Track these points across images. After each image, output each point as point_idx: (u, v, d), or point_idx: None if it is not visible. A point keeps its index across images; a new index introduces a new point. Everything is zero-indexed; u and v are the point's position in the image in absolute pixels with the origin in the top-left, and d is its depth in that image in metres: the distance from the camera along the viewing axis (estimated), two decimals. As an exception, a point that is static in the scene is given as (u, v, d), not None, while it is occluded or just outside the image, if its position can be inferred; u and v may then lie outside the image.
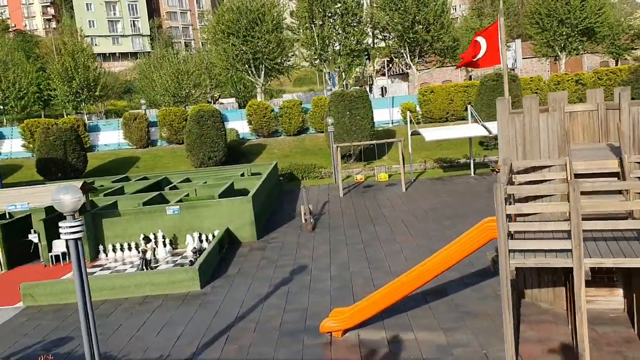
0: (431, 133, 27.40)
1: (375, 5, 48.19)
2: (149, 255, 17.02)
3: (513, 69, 53.93)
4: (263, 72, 48.50)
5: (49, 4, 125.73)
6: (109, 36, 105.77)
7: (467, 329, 10.93)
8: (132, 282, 14.96)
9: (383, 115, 44.55)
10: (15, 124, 46.17)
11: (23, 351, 11.91)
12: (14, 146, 43.18)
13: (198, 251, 16.90)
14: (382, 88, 60.17)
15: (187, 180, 27.32)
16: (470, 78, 65.14)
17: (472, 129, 27.30)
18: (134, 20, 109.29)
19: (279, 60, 49.65)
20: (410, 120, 30.92)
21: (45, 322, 13.56)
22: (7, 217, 20.23)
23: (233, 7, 46.33)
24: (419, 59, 49.66)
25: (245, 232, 19.72)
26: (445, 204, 22.82)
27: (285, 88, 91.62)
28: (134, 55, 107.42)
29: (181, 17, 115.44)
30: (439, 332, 10.95)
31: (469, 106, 29.87)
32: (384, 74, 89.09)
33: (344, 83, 51.78)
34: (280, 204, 26.27)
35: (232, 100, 69.08)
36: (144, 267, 16.75)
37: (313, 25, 46.64)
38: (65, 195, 8.14)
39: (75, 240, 8.33)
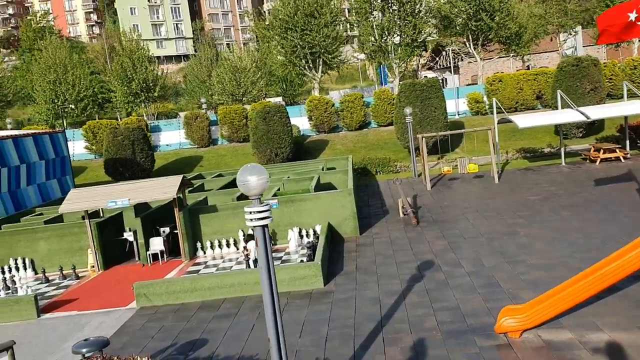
0: (524, 120, 25.81)
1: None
2: (253, 255, 16.02)
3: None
4: (320, 66, 47.48)
5: (92, 10, 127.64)
6: (152, 40, 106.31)
7: (665, 328, 9.56)
8: (251, 279, 13.96)
9: (448, 107, 42.95)
10: (72, 128, 46.35)
11: (158, 355, 10.98)
12: (77, 148, 43.09)
13: (310, 247, 15.81)
14: (442, 80, 58.44)
15: (267, 176, 26.35)
16: (528, 68, 62.90)
17: (567, 115, 25.59)
18: (177, 23, 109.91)
19: (336, 54, 48.62)
20: (498, 108, 29.27)
21: (168, 324, 12.65)
22: (101, 215, 19.57)
23: (289, 1, 45.42)
24: (481, 48, 47.91)
25: (347, 227, 18.60)
26: (554, 194, 21.28)
27: (328, 86, 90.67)
28: (178, 58, 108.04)
29: (223, 19, 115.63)
30: (636, 331, 9.58)
31: (559, 92, 28.12)
32: (429, 68, 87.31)
33: (399, 76, 50.25)
34: (362, 199, 25.09)
35: (279, 99, 68.44)
36: (249, 266, 15.78)
37: (372, 16, 45.41)
38: (252, 176, 7.09)
39: (263, 227, 7.29)
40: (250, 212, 7.23)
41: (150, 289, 14.08)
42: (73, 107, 45.27)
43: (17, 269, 18.66)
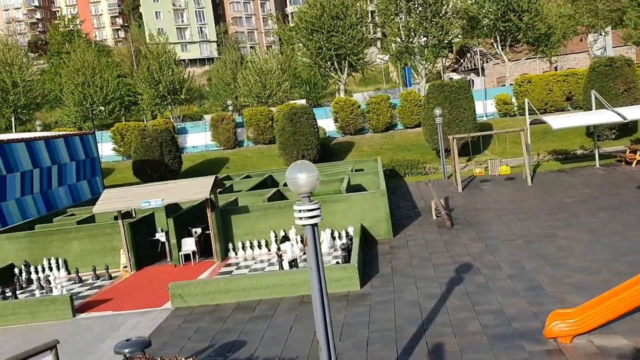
0: (558, 121, 25.27)
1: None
2: (290, 255, 15.86)
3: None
4: (346, 68, 47.31)
5: (117, 14, 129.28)
6: (177, 43, 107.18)
7: None
8: (286, 281, 13.79)
9: (476, 109, 42.46)
10: (100, 130, 46.82)
11: (197, 356, 10.85)
12: (105, 150, 43.46)
13: (345, 248, 15.60)
14: (469, 81, 57.75)
15: (295, 177, 26.26)
16: (555, 69, 61.92)
17: (602, 116, 25.01)
18: (201, 27, 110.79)
19: (362, 56, 48.43)
20: (530, 109, 28.74)
21: (204, 325, 12.53)
22: (133, 215, 19.60)
23: (316, 3, 45.35)
24: (509, 49, 47.28)
25: (380, 229, 18.35)
26: (590, 196, 20.77)
27: (351, 88, 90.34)
28: (202, 61, 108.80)
29: (246, 22, 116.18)
30: (694, 338, 9.20)
31: (593, 92, 27.51)
32: (454, 70, 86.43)
33: (425, 77, 49.76)
34: (392, 201, 24.78)
35: (303, 101, 68.41)
36: (282, 268, 15.62)
37: (397, 17, 45.11)
38: (301, 173, 6.92)
39: (312, 226, 7.11)
40: (300, 211, 7.06)
41: (185, 290, 14.00)
42: (103, 108, 45.69)
43: (51, 268, 18.76)
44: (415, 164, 32.78)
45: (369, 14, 48.98)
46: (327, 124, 43.08)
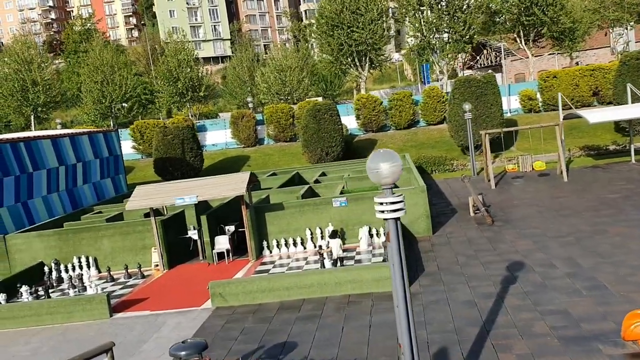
0: (594, 115, 24.54)
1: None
2: (335, 253, 15.31)
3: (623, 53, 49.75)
4: (367, 64, 46.70)
5: (131, 13, 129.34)
6: (191, 41, 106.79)
7: None
8: (332, 279, 13.26)
9: (500, 104, 41.74)
10: (119, 128, 46.59)
11: (246, 358, 10.37)
12: (124, 148, 43.06)
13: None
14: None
15: (323, 174, 25.79)
16: (577, 64, 60.88)
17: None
18: (214, 25, 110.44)
19: (381, 52, 47.80)
20: (565, 103, 28.00)
21: (249, 325, 12.03)
22: (165, 212, 19.15)
23: (335, -1, 44.77)
24: (532, 43, 46.41)
25: (420, 226, 17.77)
26: (634, 192, 20.06)
27: (367, 86, 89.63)
28: (216, 59, 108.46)
29: (260, 20, 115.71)
30: None
31: (628, 85, 26.75)
32: (469, 67, 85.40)
33: (447, 73, 49.01)
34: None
35: (319, 99, 67.81)
36: (323, 266, 15.10)
37: (420, 13, 44.43)
38: (384, 163, 6.39)
39: (395, 220, 6.58)
40: (382, 203, 6.53)
41: (226, 289, 13.51)
42: (126, 105, 45.39)
43: (81, 267, 18.37)
44: (442, 160, 32.15)
45: (389, 11, 48.25)
46: (348, 121, 42.45)
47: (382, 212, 6.55)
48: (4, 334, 13.61)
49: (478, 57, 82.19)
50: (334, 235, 15.88)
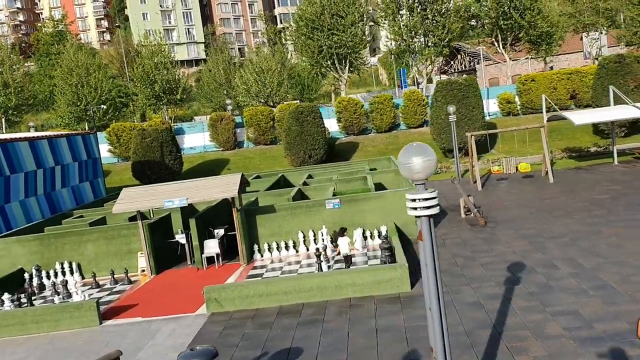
0: (579, 116, 24.73)
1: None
2: (345, 252, 14.96)
3: (596, 59, 50.54)
4: (347, 67, 46.55)
5: (102, 16, 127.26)
6: (166, 44, 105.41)
7: None
8: (332, 282, 12.89)
9: (480, 108, 41.93)
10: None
11: (251, 366, 9.96)
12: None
13: (388, 247, 14.73)
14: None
15: (310, 177, 25.41)
16: (551, 68, 61.72)
17: (624, 111, 24.51)
18: (188, 28, 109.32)
19: (360, 55, 47.74)
20: (548, 107, 28.19)
21: (250, 331, 11.60)
22: (151, 215, 18.55)
23: (316, 0, 44.53)
24: (510, 47, 46.80)
25: (413, 228, 17.47)
26: (621, 193, 20.17)
27: (341, 90, 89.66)
28: (190, 62, 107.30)
29: (234, 23, 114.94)
30: None
31: (611, 87, 27.04)
32: (443, 72, 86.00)
33: (425, 76, 49.19)
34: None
35: (296, 102, 67.51)
36: (321, 269, 14.76)
37: (399, 16, 44.49)
38: (417, 157, 6.09)
39: (428, 217, 6.28)
40: (415, 200, 6.22)
41: (222, 294, 13.04)
42: (104, 106, 44.29)
43: (64, 273, 17.68)
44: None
45: (369, 12, 48.21)
46: (328, 124, 42.12)
47: (415, 209, 6.24)
48: (-13, 344, 12.92)
49: (452, 62, 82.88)
50: (342, 232, 15.50)
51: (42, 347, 12.31)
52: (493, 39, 46.87)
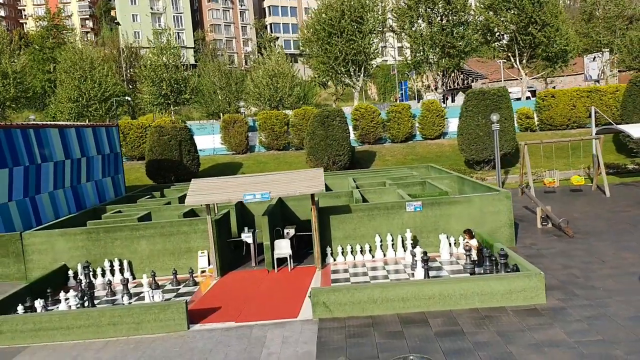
0: (637, 129, 23.89)
1: (481, 5, 44.78)
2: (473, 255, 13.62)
3: (597, 81, 50.59)
4: (362, 74, 45.48)
5: (88, 16, 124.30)
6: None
7: None
8: (456, 291, 11.45)
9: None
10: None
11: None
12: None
13: (489, 256, 13.23)
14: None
15: (353, 181, 24.03)
16: (554, 87, 61.75)
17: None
18: (178, 32, 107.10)
19: (375, 62, 46.83)
20: (596, 119, 27.33)
21: (382, 341, 10.03)
22: (215, 212, 16.85)
23: (334, 5, 43.46)
24: (526, 63, 46.38)
25: (502, 236, 16.21)
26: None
27: (329, 103, 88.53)
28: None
29: (225, 30, 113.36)
30: None
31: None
32: (435, 88, 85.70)
33: (440, 87, 48.47)
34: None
35: (312, 107, 66.14)
36: (428, 276, 13.28)
37: (417, 26, 43.72)
38: None
39: None
40: None
41: (331, 297, 11.48)
42: (129, 98, 42.13)
43: (112, 272, 15.87)
44: (461, 173, 30.93)
45: (387, 21, 47.40)
46: (343, 131, 40.91)
47: None
48: (60, 346, 11.08)
49: (445, 80, 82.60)
50: (471, 234, 14.14)
51: (129, 353, 10.54)
52: (509, 54, 46.36)
